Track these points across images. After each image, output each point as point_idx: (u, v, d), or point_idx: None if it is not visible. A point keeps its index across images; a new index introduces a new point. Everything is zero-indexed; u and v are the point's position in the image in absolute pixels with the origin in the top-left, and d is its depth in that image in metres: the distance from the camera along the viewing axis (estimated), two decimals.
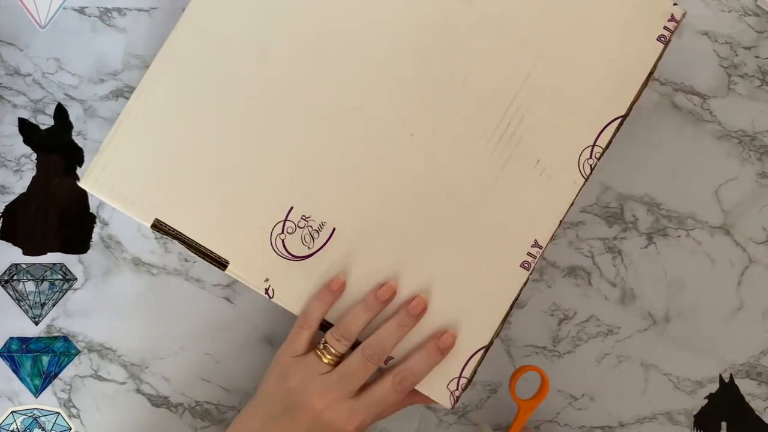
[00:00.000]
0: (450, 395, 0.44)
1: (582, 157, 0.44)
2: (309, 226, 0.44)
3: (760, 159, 0.54)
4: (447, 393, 0.44)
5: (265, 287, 0.44)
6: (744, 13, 0.55)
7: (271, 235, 0.44)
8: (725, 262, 0.54)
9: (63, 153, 0.53)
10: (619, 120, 0.44)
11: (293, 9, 0.45)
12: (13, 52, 0.53)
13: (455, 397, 0.44)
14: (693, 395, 0.53)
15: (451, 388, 0.44)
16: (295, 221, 0.44)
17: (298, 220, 0.44)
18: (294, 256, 0.44)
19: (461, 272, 0.44)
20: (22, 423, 0.52)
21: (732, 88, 0.54)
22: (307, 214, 0.44)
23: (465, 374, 0.44)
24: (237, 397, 0.52)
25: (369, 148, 0.44)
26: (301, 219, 0.44)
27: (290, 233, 0.44)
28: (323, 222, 0.44)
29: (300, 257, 0.44)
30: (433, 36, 0.44)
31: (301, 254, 0.44)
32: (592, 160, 0.44)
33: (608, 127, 0.44)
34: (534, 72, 0.44)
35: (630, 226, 0.54)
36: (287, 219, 0.44)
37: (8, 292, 0.52)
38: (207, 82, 0.45)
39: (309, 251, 0.44)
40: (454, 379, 0.44)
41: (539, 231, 0.44)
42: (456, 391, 0.44)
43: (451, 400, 0.44)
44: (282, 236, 0.44)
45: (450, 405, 0.44)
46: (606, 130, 0.44)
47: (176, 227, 0.44)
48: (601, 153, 0.44)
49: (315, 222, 0.44)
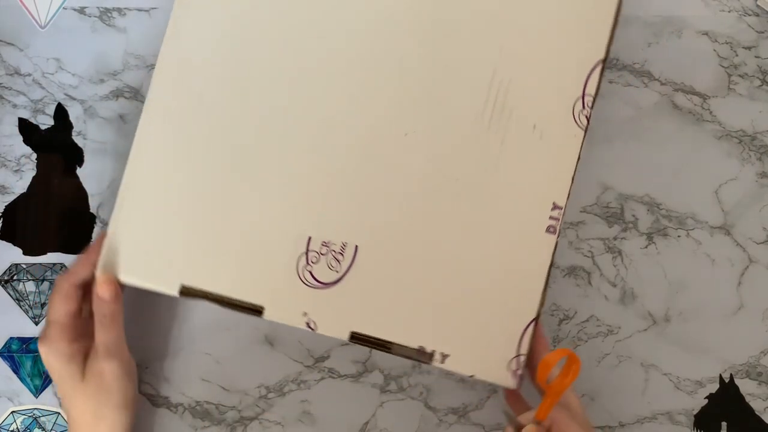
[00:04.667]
0: (512, 374, 0.44)
1: (576, 110, 0.44)
2: (332, 251, 0.44)
3: (760, 159, 0.54)
4: (509, 374, 0.44)
5: (306, 321, 0.44)
6: (744, 13, 0.55)
7: (298, 270, 0.44)
8: (725, 262, 0.54)
9: (63, 153, 0.53)
10: (600, 64, 0.45)
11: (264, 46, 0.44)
12: (13, 52, 0.53)
13: (518, 376, 0.44)
14: (693, 395, 0.53)
15: (513, 368, 0.44)
16: (317, 250, 0.44)
17: (319, 248, 0.44)
18: (325, 283, 0.44)
19: (490, 253, 0.44)
20: (23, 423, 0.52)
21: (732, 88, 0.54)
22: (327, 239, 0.44)
23: (522, 351, 0.44)
24: (237, 397, 0.52)
25: (367, 159, 0.44)
26: (322, 246, 0.44)
27: (315, 263, 0.44)
28: (344, 243, 0.44)
29: (331, 283, 0.44)
30: (405, 35, 0.44)
31: (332, 279, 0.44)
32: (585, 110, 0.45)
33: (592, 74, 0.45)
34: (505, 41, 0.44)
35: (630, 226, 0.54)
36: (309, 250, 0.44)
37: (8, 292, 0.52)
38: (192, 138, 0.44)
39: (339, 275, 0.44)
40: (513, 358, 0.44)
41: (555, 193, 0.44)
42: (518, 370, 0.44)
43: (514, 379, 0.44)
44: (308, 267, 0.44)
45: (515, 384, 0.44)
46: (591, 77, 0.45)
47: (203, 288, 0.44)
48: (593, 101, 0.45)
49: (336, 245, 0.44)
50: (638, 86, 0.54)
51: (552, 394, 0.41)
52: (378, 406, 0.52)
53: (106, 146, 0.53)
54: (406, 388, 0.52)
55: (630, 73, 0.54)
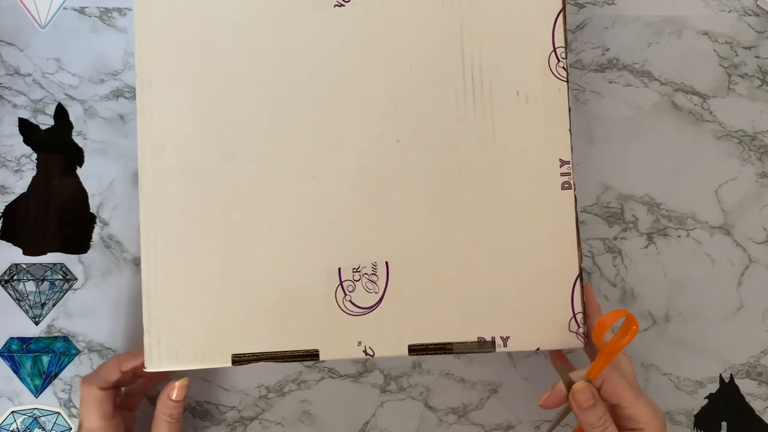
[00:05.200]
0: (575, 335, 0.44)
1: (552, 65, 0.45)
2: (364, 275, 0.44)
3: (760, 159, 0.54)
4: (572, 335, 0.44)
5: (363, 350, 0.44)
6: (744, 13, 0.55)
7: (338, 303, 0.44)
8: (725, 262, 0.54)
9: (63, 153, 0.53)
10: (561, 13, 0.45)
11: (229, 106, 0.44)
12: (13, 52, 0.53)
13: (582, 334, 0.44)
14: (693, 395, 0.53)
15: (573, 329, 0.44)
16: (350, 278, 0.44)
17: (351, 276, 0.44)
18: (368, 307, 0.44)
19: (516, 226, 0.44)
20: (23, 423, 0.52)
21: (732, 88, 0.54)
22: (355, 265, 0.44)
23: (577, 310, 0.44)
24: (237, 397, 0.52)
25: (368, 175, 0.44)
26: (354, 272, 0.44)
27: (352, 291, 0.44)
28: (374, 263, 0.44)
29: (374, 305, 0.44)
30: (371, 48, 0.45)
31: (374, 302, 0.44)
32: (561, 62, 0.45)
33: (556, 26, 0.45)
34: (464, 20, 0.45)
35: (630, 226, 0.54)
36: (342, 281, 0.44)
37: (8, 292, 0.52)
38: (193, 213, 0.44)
39: (378, 295, 0.44)
40: (571, 319, 0.44)
41: (559, 149, 0.45)
42: (580, 329, 0.44)
43: (580, 338, 0.44)
44: (347, 297, 0.44)
45: (581, 344, 0.44)
46: (556, 29, 0.45)
47: (255, 351, 0.43)
48: (565, 52, 0.45)
49: (367, 267, 0.44)
50: (638, 86, 0.54)
51: (606, 353, 0.40)
52: (378, 406, 0.52)
53: (106, 146, 0.53)
54: (406, 388, 0.52)
55: (630, 73, 0.54)
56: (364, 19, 0.45)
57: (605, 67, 0.55)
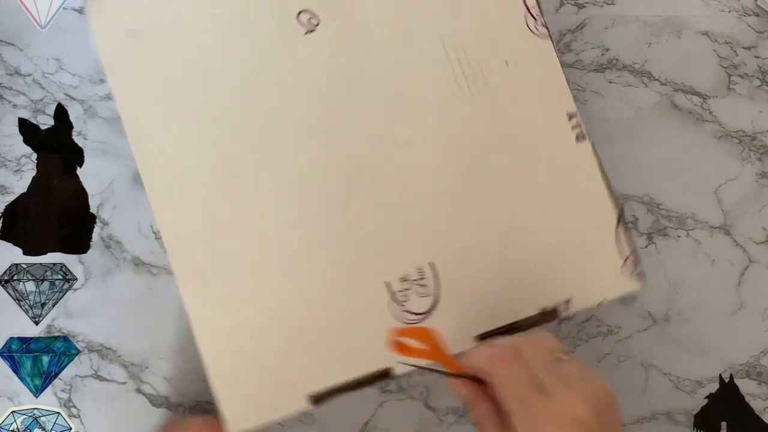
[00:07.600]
0: (632, 276, 0.44)
1: (531, 25, 0.44)
2: (413, 282, 0.43)
3: (760, 159, 0.54)
4: (629, 279, 0.44)
5: None
6: (744, 13, 0.55)
7: (396, 316, 0.43)
8: (725, 262, 0.54)
9: (63, 153, 0.53)
10: None
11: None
12: (13, 52, 0.53)
13: (638, 274, 0.44)
14: (693, 395, 0.53)
15: (629, 271, 0.44)
16: (399, 289, 0.43)
17: (401, 286, 0.43)
18: (426, 311, 0.43)
19: (544, 190, 0.44)
20: (23, 423, 0.52)
21: (732, 88, 0.54)
22: (402, 274, 0.43)
23: (626, 252, 0.44)
24: None
25: (386, 183, 0.44)
26: (402, 282, 0.43)
27: (406, 300, 0.43)
28: (419, 268, 0.43)
29: (431, 308, 0.43)
30: (351, 62, 0.44)
31: (430, 305, 0.43)
32: (538, 19, 0.45)
33: None
34: (434, 8, 0.44)
35: (630, 226, 0.54)
36: (393, 292, 0.43)
37: (8, 292, 0.52)
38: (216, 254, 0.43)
39: (433, 297, 0.43)
40: (623, 263, 0.44)
41: (563, 104, 0.44)
42: (635, 270, 0.44)
43: (638, 279, 0.44)
44: (403, 308, 0.43)
45: (639, 284, 0.44)
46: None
47: (330, 385, 0.43)
48: (539, 8, 0.45)
49: (413, 273, 0.43)
50: (638, 86, 0.54)
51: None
52: (378, 406, 0.52)
53: (106, 146, 0.53)
54: (406, 388, 0.52)
55: (630, 73, 0.54)
56: (337, 37, 0.44)
57: (605, 67, 0.55)
